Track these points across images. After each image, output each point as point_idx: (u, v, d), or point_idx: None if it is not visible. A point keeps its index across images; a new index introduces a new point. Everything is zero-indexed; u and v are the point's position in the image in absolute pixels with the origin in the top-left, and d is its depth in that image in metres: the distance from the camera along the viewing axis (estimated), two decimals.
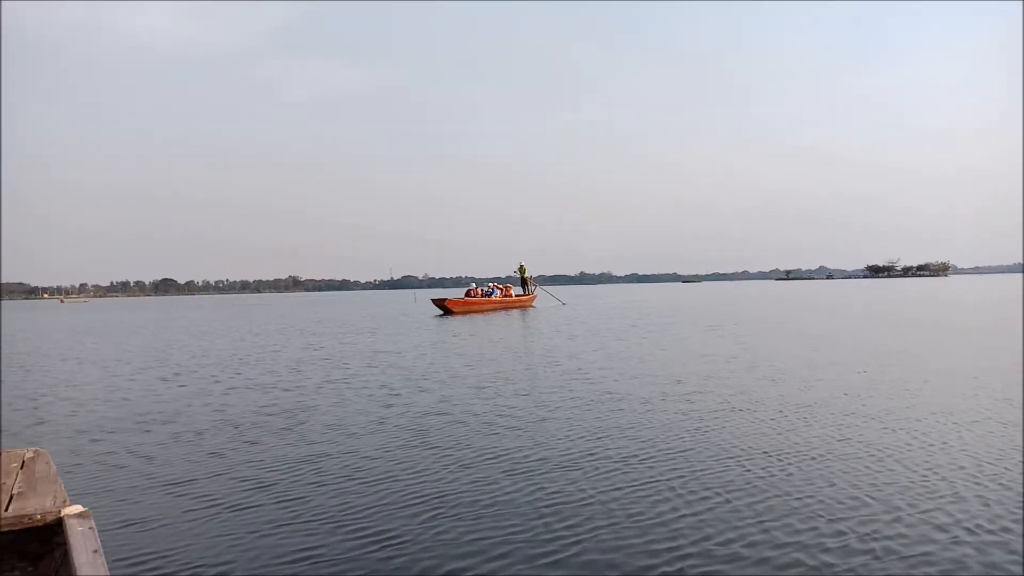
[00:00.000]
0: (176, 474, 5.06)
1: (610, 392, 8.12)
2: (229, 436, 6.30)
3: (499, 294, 34.22)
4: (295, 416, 7.16)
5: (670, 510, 4.02)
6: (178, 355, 14.62)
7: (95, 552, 2.07)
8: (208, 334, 21.90)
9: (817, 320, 20.94)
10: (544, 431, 6.14)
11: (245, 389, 9.22)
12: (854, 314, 23.77)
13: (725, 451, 5.33)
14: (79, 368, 12.60)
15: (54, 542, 2.35)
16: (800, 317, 22.79)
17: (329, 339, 18.03)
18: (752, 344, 13.61)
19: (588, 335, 16.95)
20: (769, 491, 4.32)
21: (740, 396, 7.70)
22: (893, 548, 3.43)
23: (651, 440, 5.72)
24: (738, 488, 4.40)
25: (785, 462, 4.99)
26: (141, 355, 14.90)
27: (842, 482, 4.49)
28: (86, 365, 13.10)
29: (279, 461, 5.34)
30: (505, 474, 4.82)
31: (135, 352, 15.76)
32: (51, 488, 2.61)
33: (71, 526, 2.26)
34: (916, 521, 3.78)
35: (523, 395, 8.12)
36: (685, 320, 22.29)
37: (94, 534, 2.21)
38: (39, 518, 2.35)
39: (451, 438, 5.96)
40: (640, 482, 4.56)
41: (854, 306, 29.91)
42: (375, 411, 7.32)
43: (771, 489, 4.36)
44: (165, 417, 7.33)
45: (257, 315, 38.05)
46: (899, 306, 29.25)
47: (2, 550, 2.33)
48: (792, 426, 6.16)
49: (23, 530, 2.34)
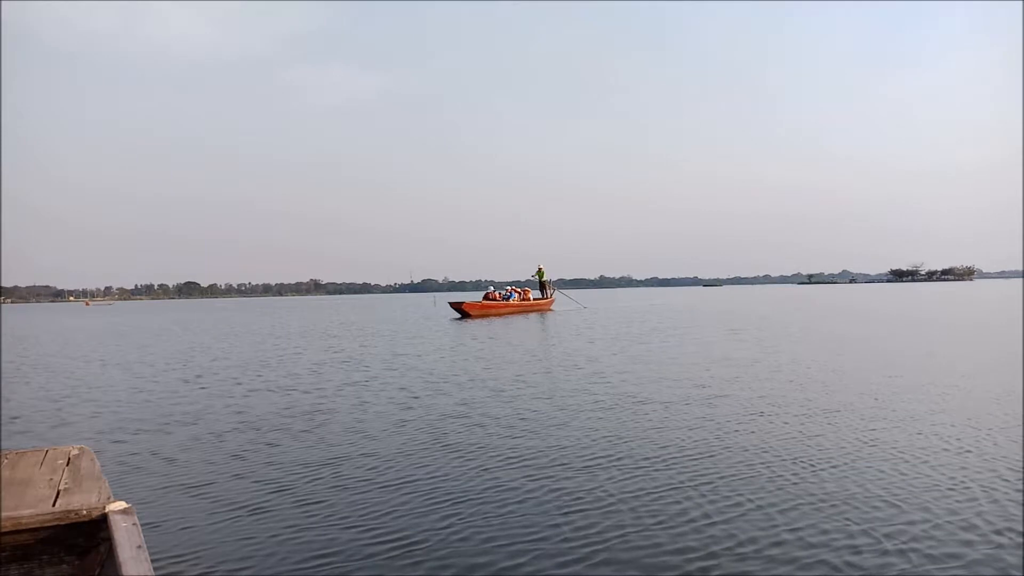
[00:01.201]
0: (196, 476, 5.07)
1: (631, 395, 8.05)
2: (250, 438, 6.32)
3: (517, 297, 34.16)
4: (315, 418, 7.17)
5: (695, 514, 3.95)
6: (200, 357, 14.73)
7: (139, 548, 2.12)
8: (230, 336, 22.06)
9: (841, 324, 20.68)
10: (564, 434, 6.09)
11: (266, 391, 9.25)
12: (878, 318, 23.45)
13: (750, 455, 5.25)
14: (102, 370, 12.73)
15: (99, 537, 2.40)
16: (824, 321, 22.51)
17: (349, 341, 18.09)
18: (775, 348, 13.46)
19: (608, 338, 16.85)
20: (797, 495, 4.24)
21: (764, 400, 7.60)
22: (926, 551, 3.34)
23: (673, 444, 5.65)
24: (765, 492, 4.32)
25: (812, 466, 4.90)
26: (164, 357, 15.04)
27: (873, 486, 4.40)
28: (109, 367, 13.24)
29: (299, 463, 5.34)
30: (525, 477, 4.78)
31: (158, 354, 15.90)
32: (96, 485, 2.67)
33: (115, 522, 2.31)
34: (950, 524, 3.69)
35: (542, 398, 8.07)
36: (706, 324, 22.11)
37: (138, 530, 2.26)
38: (85, 514, 2.41)
39: (470, 441, 5.93)
40: (663, 486, 4.50)
41: (878, 310, 29.52)
42: (394, 414, 7.31)
43: (799, 493, 4.28)
44: (187, 419, 7.37)
45: (278, 318, 38.33)
46: (924, 310, 28.81)
47: (50, 544, 2.39)
48: (819, 430, 6.05)
49: (70, 525, 2.39)
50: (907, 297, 48.20)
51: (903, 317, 23.79)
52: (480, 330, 21.41)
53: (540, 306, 35.38)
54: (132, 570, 1.96)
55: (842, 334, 16.69)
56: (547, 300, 36.41)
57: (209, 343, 19.22)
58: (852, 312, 28.14)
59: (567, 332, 19.66)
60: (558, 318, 28.12)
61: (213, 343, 19.16)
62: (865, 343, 14.17)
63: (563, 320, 26.46)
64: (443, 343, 16.88)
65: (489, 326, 23.44)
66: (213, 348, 17.32)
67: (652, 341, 15.79)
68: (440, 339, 18.32)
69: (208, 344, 18.83)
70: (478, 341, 17.21)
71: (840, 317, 24.53)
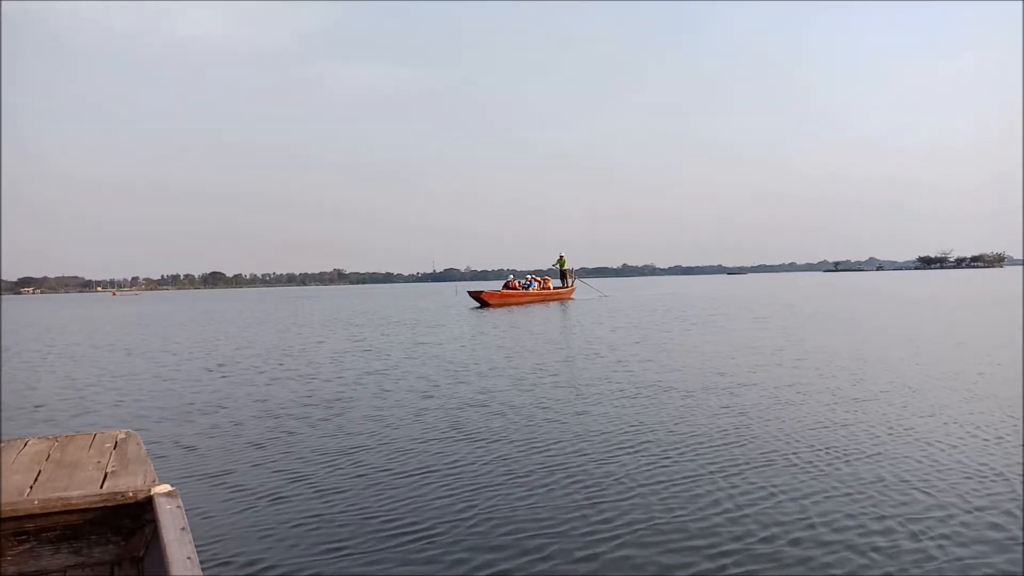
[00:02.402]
0: (215, 464, 5.11)
1: (652, 384, 8.00)
2: (269, 426, 6.36)
3: (537, 286, 34.09)
4: (334, 407, 7.20)
5: (713, 505, 3.90)
6: (223, 346, 14.89)
7: (183, 530, 2.18)
8: (253, 325, 22.28)
9: (868, 312, 20.39)
10: (583, 424, 6.06)
11: (287, 380, 9.32)
12: (906, 306, 23.09)
13: (771, 446, 5.18)
14: (127, 358, 12.91)
15: (144, 519, 2.47)
16: (850, 309, 22.21)
17: (371, 331, 18.18)
18: (800, 336, 13.30)
19: (630, 327, 16.76)
20: (817, 487, 4.17)
21: (787, 389, 7.51)
22: (946, 548, 3.26)
23: (694, 434, 5.59)
24: (784, 484, 4.26)
25: (834, 457, 4.82)
26: (187, 346, 15.21)
27: (893, 478, 4.31)
28: (134, 356, 13.42)
29: (317, 452, 5.37)
30: (543, 467, 4.75)
31: (182, 343, 16.10)
32: (142, 468, 2.75)
33: (160, 504, 2.38)
34: (971, 520, 3.59)
35: (562, 387, 8.04)
36: (730, 312, 21.92)
37: (182, 512, 2.32)
38: (131, 496, 2.48)
39: (489, 430, 5.92)
40: (682, 477, 4.45)
41: (906, 298, 29.07)
42: (414, 402, 7.33)
43: (819, 485, 4.21)
44: (208, 407, 7.44)
45: (302, 307, 38.65)
46: (953, 298, 28.31)
47: (98, 524, 2.47)
48: (842, 420, 5.96)
49: (116, 506, 2.47)
50: (936, 284, 47.41)
51: (931, 305, 23.40)
52: (500, 319, 21.41)
53: (560, 295, 35.30)
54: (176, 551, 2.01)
55: (869, 323, 16.45)
56: (567, 289, 36.30)
57: (233, 332, 19.42)
58: (879, 300, 27.73)
59: (588, 320, 19.59)
60: (579, 307, 28.03)
61: (237, 332, 19.35)
62: (893, 332, 13.95)
63: (584, 309, 26.37)
64: (463, 332, 16.90)
65: (509, 315, 23.43)
66: (236, 337, 17.49)
67: (674, 329, 15.68)
68: (460, 328, 18.34)
69: (232, 333, 19.03)
70: (499, 329, 17.20)
71: (867, 305, 24.18)
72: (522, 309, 27.16)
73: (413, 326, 19.47)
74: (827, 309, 22.28)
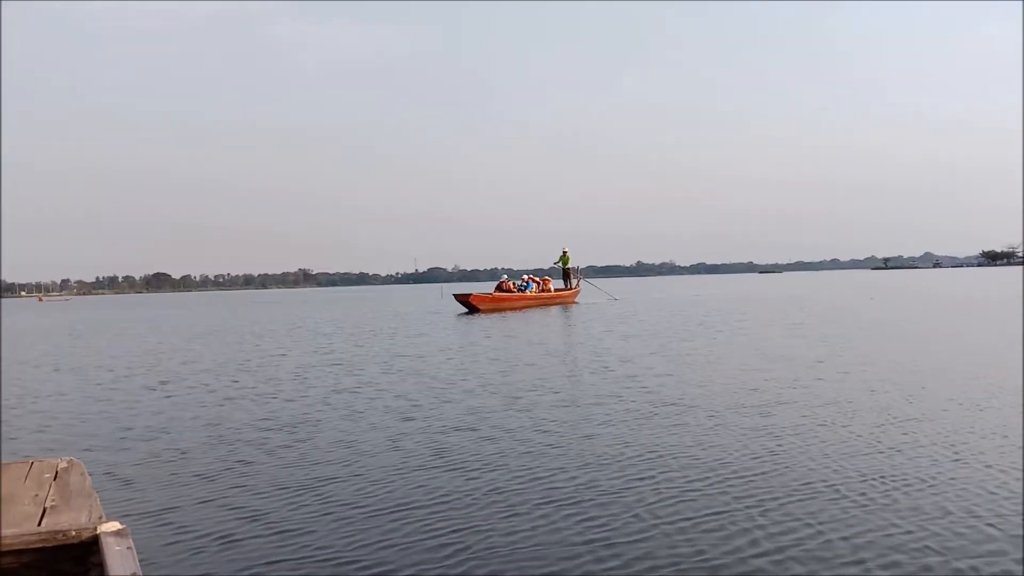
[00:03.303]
0: (156, 500, 5.04)
1: (671, 403, 7.98)
2: (220, 455, 6.30)
3: (535, 288, 34.07)
4: (298, 432, 7.16)
5: (751, 546, 3.85)
6: (168, 361, 14.82)
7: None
8: (203, 335, 22.23)
9: (924, 317, 20.43)
10: (592, 450, 6.03)
11: (242, 399, 9.28)
12: (969, 309, 23.14)
13: (814, 474, 5.14)
14: (54, 375, 12.83)
15: (90, 562, 2.46)
16: (902, 313, 22.25)
17: (341, 341, 18.16)
18: (844, 346, 13.31)
19: (645, 335, 16.78)
20: (871, 523, 4.14)
21: (830, 408, 7.48)
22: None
23: (722, 461, 5.56)
24: (832, 519, 4.22)
25: (890, 487, 4.79)
26: (126, 360, 15.14)
27: (961, 512, 4.28)
28: (62, 372, 13.35)
29: (277, 486, 5.31)
30: (546, 502, 4.71)
31: (119, 357, 16.01)
32: (86, 502, 2.77)
33: (108, 545, 2.38)
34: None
35: (566, 407, 8.03)
36: (763, 317, 21.96)
37: (132, 554, 2.31)
38: (74, 535, 2.48)
39: (480, 458, 5.89)
40: (711, 512, 4.42)
41: (969, 299, 29.15)
42: (391, 426, 7.30)
43: (873, 520, 4.18)
44: (149, 432, 7.37)
45: (261, 314, 38.61)
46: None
47: (35, 568, 2.46)
48: (897, 443, 5.93)
49: (57, 547, 2.46)
50: (1003, 284, 47.58)
51: (999, 308, 23.44)
52: (492, 327, 21.44)
53: (562, 298, 35.33)
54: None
55: (925, 329, 16.48)
56: (571, 292, 36.32)
57: (179, 343, 19.36)
58: (937, 302, 27.81)
59: (596, 328, 19.61)
60: (585, 312, 28.07)
61: (184, 344, 19.30)
62: (952, 341, 13.96)
63: (591, 314, 26.40)
64: (449, 342, 16.91)
65: (503, 322, 23.46)
66: (183, 349, 17.44)
67: (697, 338, 15.69)
68: (446, 337, 18.35)
69: (178, 345, 18.97)
70: (491, 339, 17.23)
71: (923, 308, 24.25)
72: (518, 315, 27.17)
73: (391, 336, 19.46)
74: (875, 313, 22.32)
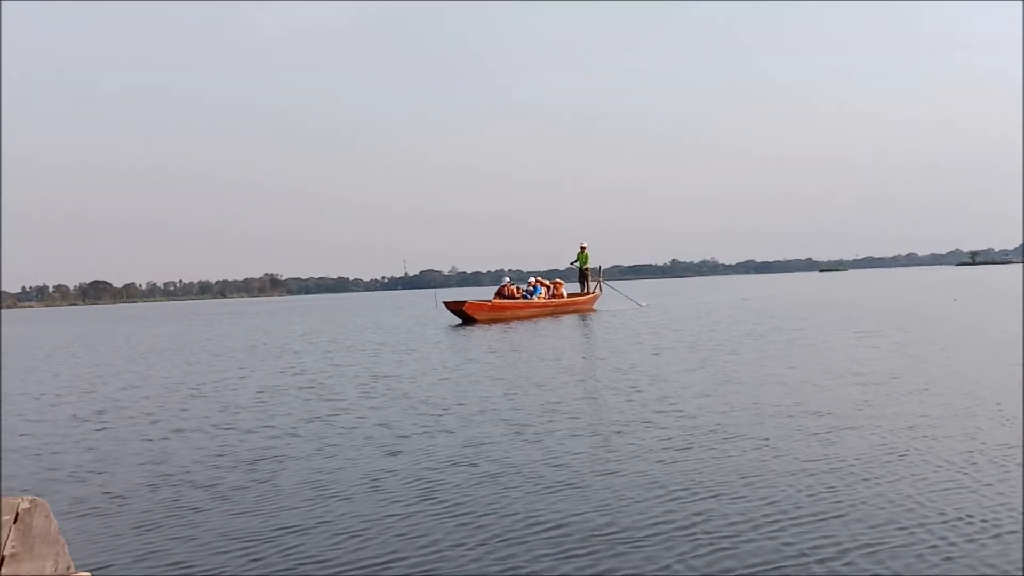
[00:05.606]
0: (85, 554, 5.02)
1: (712, 431, 7.98)
2: (164, 499, 6.33)
3: (544, 293, 33.94)
4: (257, 471, 7.18)
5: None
6: (105, 386, 14.88)
7: None
8: (148, 355, 22.33)
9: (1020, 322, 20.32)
10: (614, 489, 6.03)
11: (192, 432, 9.31)
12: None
13: (886, 514, 5.13)
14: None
15: None
16: (996, 317, 22.17)
17: (314, 359, 18.22)
18: (924, 358, 13.29)
19: (681, 348, 16.77)
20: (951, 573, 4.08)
21: (909, 433, 7.47)
22: None
23: (774, 500, 5.55)
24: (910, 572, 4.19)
25: (977, 529, 4.77)
26: (54, 385, 15.21)
27: None
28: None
29: (229, 536, 5.32)
30: (559, 552, 4.71)
31: (47, 381, 16.10)
32: (52, 549, 2.83)
33: None
34: None
35: (583, 435, 8.05)
36: (824, 324, 21.92)
37: None
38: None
39: (478, 501, 5.89)
40: (762, 562, 4.40)
41: None
42: (372, 462, 7.32)
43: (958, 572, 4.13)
44: (80, 472, 7.40)
45: (219, 328, 38.78)
46: None
47: None
48: (987, 478, 5.89)
49: None
50: None
51: None
52: (495, 340, 21.50)
53: (578, 305, 35.28)
54: None
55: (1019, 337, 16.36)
56: (587, 297, 36.18)
57: (119, 365, 19.45)
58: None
59: (620, 340, 19.62)
60: (606, 321, 28.10)
61: (124, 365, 19.39)
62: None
63: (613, 324, 26.42)
64: (443, 359, 16.96)
65: (507, 334, 23.52)
66: (124, 372, 17.52)
67: (745, 351, 15.67)
68: (440, 353, 18.40)
69: (117, 366, 19.06)
70: (493, 355, 17.32)
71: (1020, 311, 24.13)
72: (525, 325, 27.18)
73: (374, 353, 19.50)
74: (961, 317, 22.29)
